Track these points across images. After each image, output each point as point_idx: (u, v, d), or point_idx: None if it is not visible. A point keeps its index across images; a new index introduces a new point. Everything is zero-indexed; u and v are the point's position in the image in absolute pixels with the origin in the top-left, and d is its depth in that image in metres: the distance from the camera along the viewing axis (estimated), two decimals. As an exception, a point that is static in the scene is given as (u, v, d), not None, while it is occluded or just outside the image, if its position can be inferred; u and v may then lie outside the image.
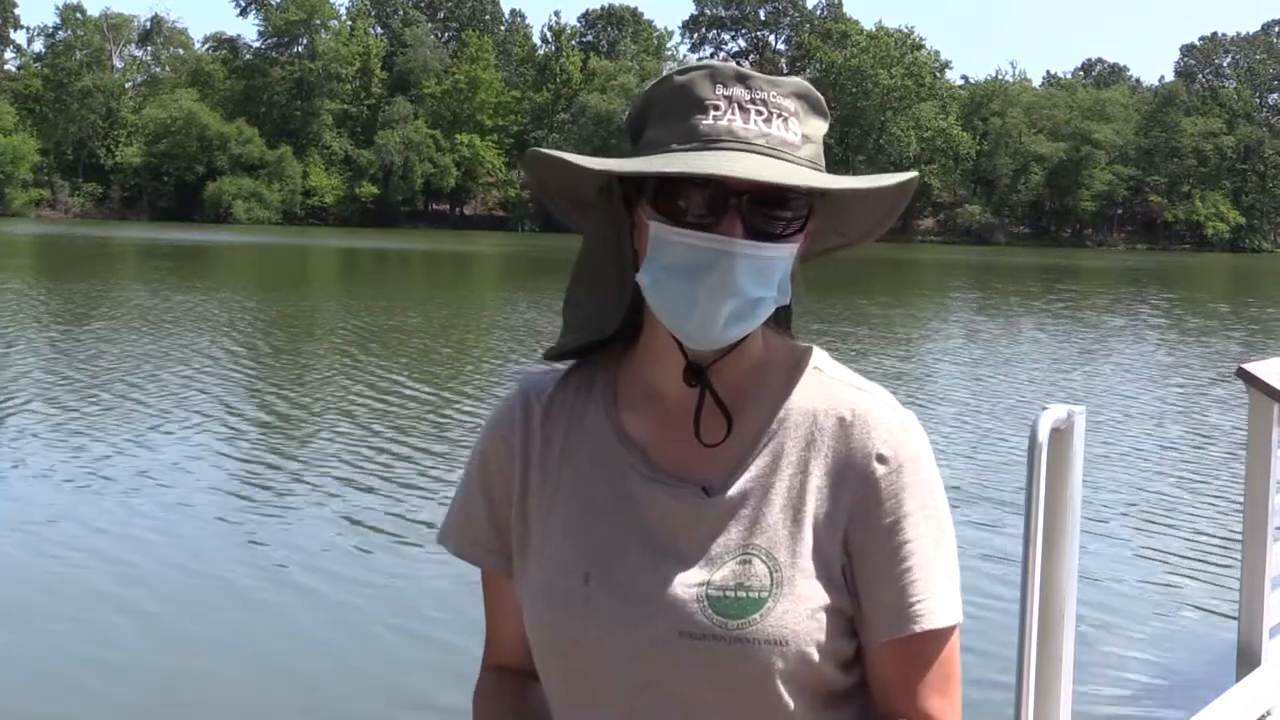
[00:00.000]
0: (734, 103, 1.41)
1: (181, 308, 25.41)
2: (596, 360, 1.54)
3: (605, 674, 1.43)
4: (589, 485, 1.49)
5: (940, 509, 1.46)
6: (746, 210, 1.38)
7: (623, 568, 1.44)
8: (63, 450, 11.38)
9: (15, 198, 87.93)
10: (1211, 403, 16.26)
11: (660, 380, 1.49)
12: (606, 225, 1.48)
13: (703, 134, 1.40)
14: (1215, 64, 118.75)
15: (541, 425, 1.53)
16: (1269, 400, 4.87)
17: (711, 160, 1.37)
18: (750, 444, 1.46)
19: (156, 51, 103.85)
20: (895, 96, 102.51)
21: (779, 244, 1.40)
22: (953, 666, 1.46)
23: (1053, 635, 3.50)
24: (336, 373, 16.99)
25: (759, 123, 1.40)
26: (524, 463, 1.53)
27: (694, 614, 1.40)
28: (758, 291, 1.39)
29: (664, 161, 1.38)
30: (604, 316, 1.50)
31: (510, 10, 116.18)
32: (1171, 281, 51.52)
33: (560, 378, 1.56)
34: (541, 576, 1.48)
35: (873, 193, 1.47)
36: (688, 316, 1.39)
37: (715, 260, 1.37)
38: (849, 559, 1.43)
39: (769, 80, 1.42)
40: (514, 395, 1.57)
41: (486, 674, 1.64)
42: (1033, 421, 3.43)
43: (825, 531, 1.43)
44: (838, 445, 1.45)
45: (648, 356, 1.50)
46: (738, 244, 1.37)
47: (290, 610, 7.45)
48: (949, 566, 1.45)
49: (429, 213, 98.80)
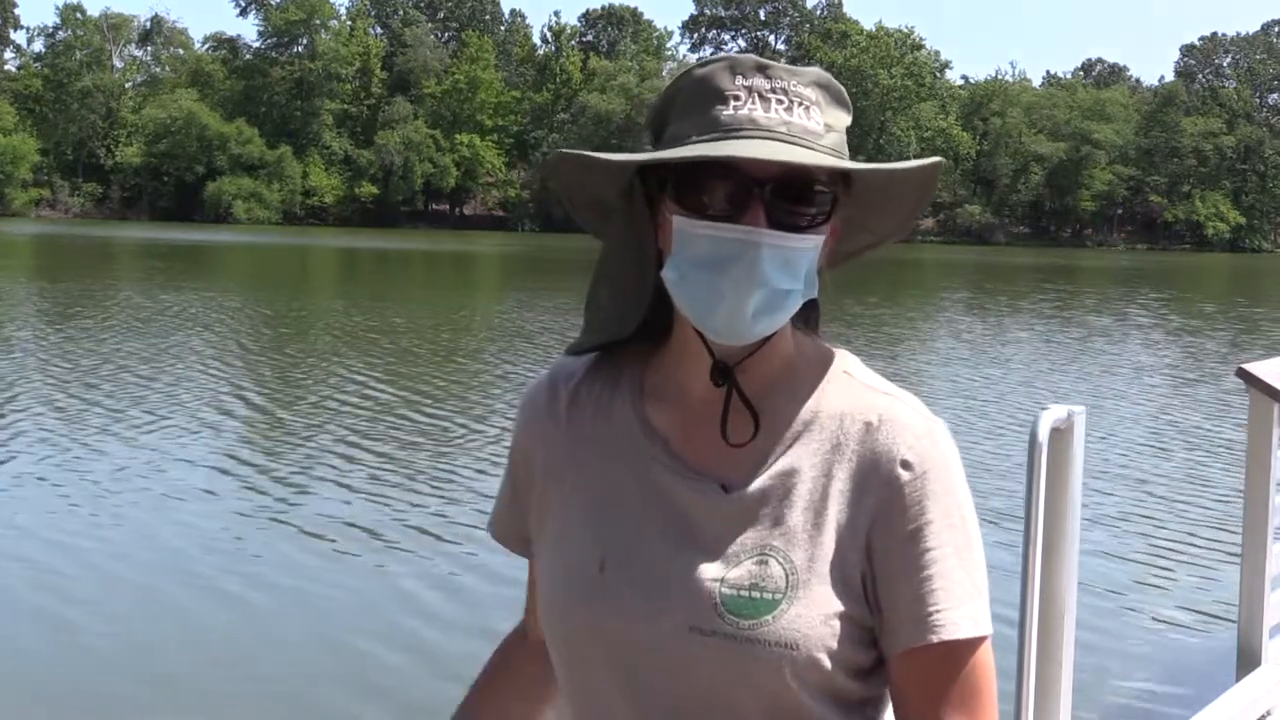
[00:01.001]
0: (754, 92, 1.40)
1: (161, 306, 25.40)
2: (623, 354, 1.54)
3: (615, 664, 1.43)
4: (611, 474, 1.49)
5: (966, 519, 1.43)
6: (770, 200, 1.37)
7: (638, 559, 1.44)
8: (32, 447, 11.39)
9: (15, 198, 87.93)
10: (1211, 402, 16.26)
11: (687, 379, 1.48)
12: (628, 227, 1.48)
13: (724, 123, 1.39)
14: (1215, 64, 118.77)
15: (567, 411, 1.54)
16: (1269, 400, 4.86)
17: (732, 146, 1.36)
18: (775, 444, 1.44)
19: (156, 51, 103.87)
20: (895, 96, 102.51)
21: (804, 235, 1.39)
22: (980, 682, 1.41)
23: (1052, 636, 3.50)
24: (327, 372, 16.98)
25: (780, 111, 1.39)
26: (546, 448, 1.54)
27: (707, 610, 1.39)
28: (784, 283, 1.38)
29: (685, 151, 1.38)
30: (624, 318, 1.49)
31: (510, 10, 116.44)
32: (1171, 282, 51.52)
33: (590, 367, 1.56)
34: (557, 563, 1.49)
35: (897, 177, 1.44)
36: (714, 310, 1.38)
37: (741, 251, 1.36)
38: (870, 566, 1.41)
39: (789, 70, 1.41)
40: (542, 381, 1.58)
41: (514, 632, 1.71)
42: (1032, 422, 3.42)
43: (846, 537, 1.41)
44: (863, 450, 1.43)
45: (675, 356, 1.49)
46: (763, 234, 1.36)
47: (263, 611, 7.45)
48: (974, 577, 1.42)
49: (429, 213, 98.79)
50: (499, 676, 1.69)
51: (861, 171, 1.41)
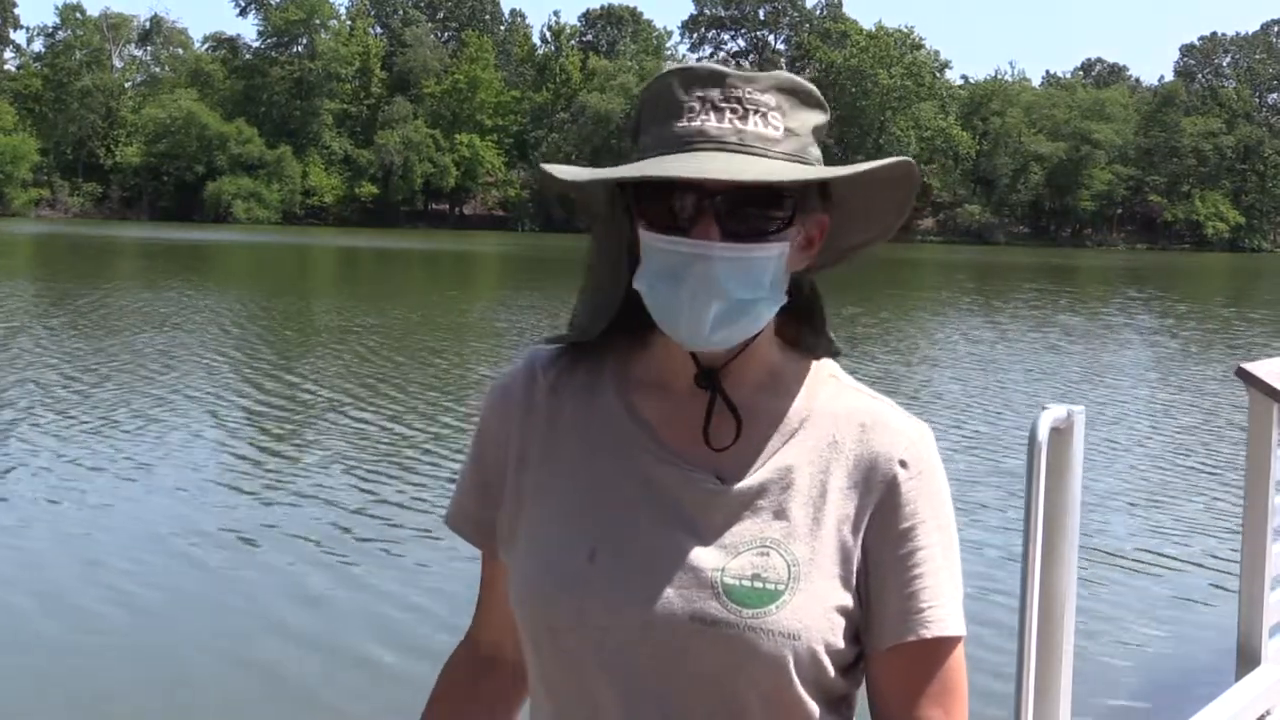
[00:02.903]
0: (707, 103, 1.39)
1: (145, 304, 25.41)
2: (606, 343, 1.52)
3: (603, 655, 1.40)
4: (597, 463, 1.47)
5: (951, 521, 1.46)
6: (723, 211, 1.36)
7: (633, 548, 1.42)
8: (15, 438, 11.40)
9: (15, 197, 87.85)
10: (1211, 402, 16.27)
11: (672, 374, 1.47)
12: (609, 235, 1.48)
13: (678, 136, 1.38)
14: (1215, 64, 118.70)
15: (547, 399, 1.51)
16: (1269, 400, 4.86)
17: (673, 163, 1.35)
18: (769, 439, 1.45)
19: (156, 51, 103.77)
20: (895, 96, 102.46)
21: (764, 243, 1.38)
22: (956, 680, 1.45)
23: (1052, 635, 3.50)
24: (329, 372, 16.99)
25: (733, 120, 1.38)
26: (523, 435, 1.51)
27: (707, 599, 1.38)
28: (744, 293, 1.37)
29: (634, 168, 1.37)
30: (593, 322, 1.49)
31: (510, 10, 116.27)
32: (1171, 281, 51.50)
33: (572, 356, 1.53)
34: (540, 552, 1.46)
35: (861, 180, 1.43)
36: (676, 321, 1.38)
37: (692, 264, 1.36)
38: (864, 561, 1.43)
39: (745, 77, 1.40)
40: (519, 367, 1.55)
41: (461, 647, 1.65)
42: (1032, 421, 3.42)
43: (845, 532, 1.42)
44: (860, 449, 1.44)
45: (661, 347, 1.48)
46: (713, 247, 1.36)
47: (248, 606, 7.45)
48: (956, 579, 1.45)
49: (429, 212, 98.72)
50: (459, 701, 1.62)
51: (807, 181, 1.40)
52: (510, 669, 1.59)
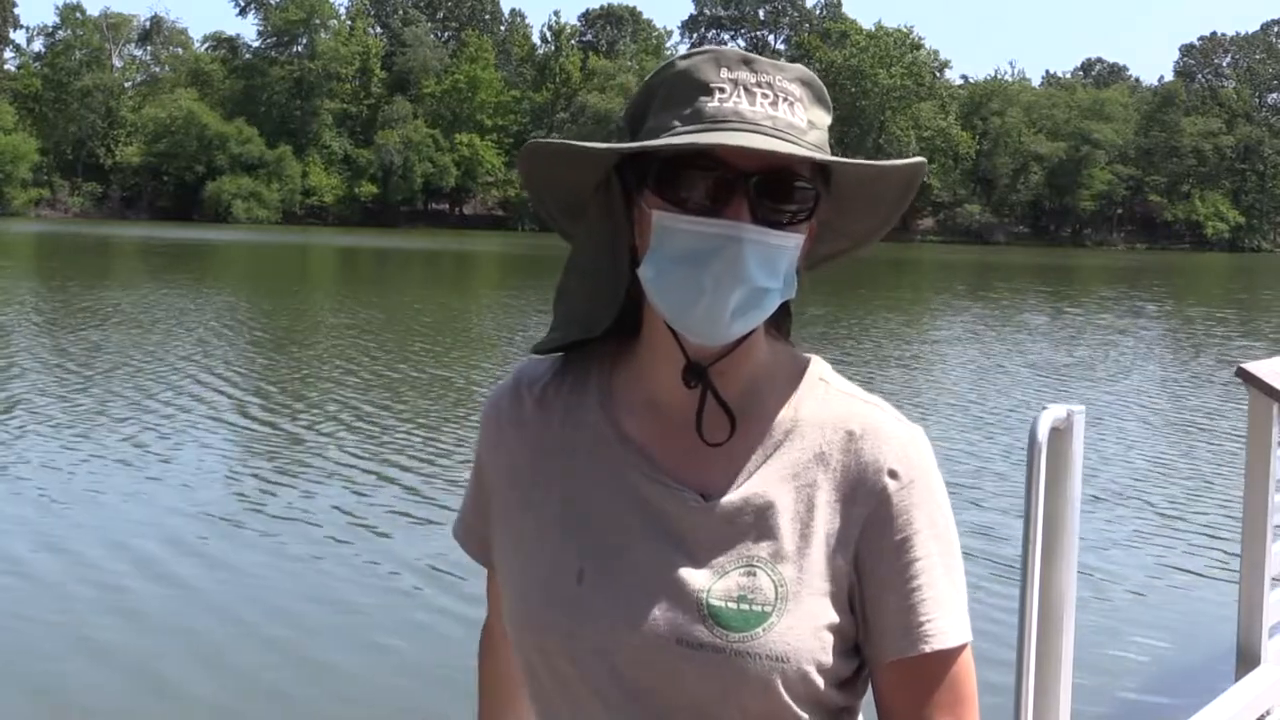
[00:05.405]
0: (740, 85, 1.36)
1: (159, 303, 25.41)
2: (590, 356, 1.48)
3: (595, 676, 1.38)
4: (583, 482, 1.43)
5: (949, 527, 1.42)
6: (754, 195, 1.33)
7: (619, 570, 1.39)
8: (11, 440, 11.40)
9: (15, 197, 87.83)
10: (1211, 402, 16.27)
11: (658, 385, 1.43)
12: (602, 222, 1.43)
13: (709, 115, 1.35)
14: (1215, 64, 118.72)
15: (533, 416, 1.49)
16: (1269, 400, 4.85)
17: (720, 136, 1.32)
18: (753, 452, 1.41)
19: (156, 51, 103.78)
20: (895, 96, 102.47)
21: (786, 232, 1.35)
22: (965, 687, 1.41)
23: (1052, 635, 3.49)
24: (328, 369, 16.99)
25: (765, 105, 1.35)
26: (511, 453, 1.49)
27: (693, 623, 1.35)
28: (765, 281, 1.34)
29: (672, 139, 1.34)
30: (595, 315, 1.44)
31: (510, 10, 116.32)
32: (1170, 281, 51.51)
33: (556, 370, 1.50)
34: (530, 571, 1.43)
35: (881, 175, 1.41)
36: (693, 307, 1.33)
37: (723, 246, 1.32)
38: (858, 576, 1.39)
39: (774, 65, 1.38)
40: (506, 385, 1.53)
41: (485, 634, 1.67)
42: (1032, 421, 3.42)
43: (834, 547, 1.38)
44: (847, 460, 1.40)
45: (646, 359, 1.44)
46: (746, 229, 1.32)
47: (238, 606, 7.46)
48: (958, 585, 1.41)
49: (428, 212, 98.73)
50: (507, 681, 1.63)
51: (849, 166, 1.38)
52: None
